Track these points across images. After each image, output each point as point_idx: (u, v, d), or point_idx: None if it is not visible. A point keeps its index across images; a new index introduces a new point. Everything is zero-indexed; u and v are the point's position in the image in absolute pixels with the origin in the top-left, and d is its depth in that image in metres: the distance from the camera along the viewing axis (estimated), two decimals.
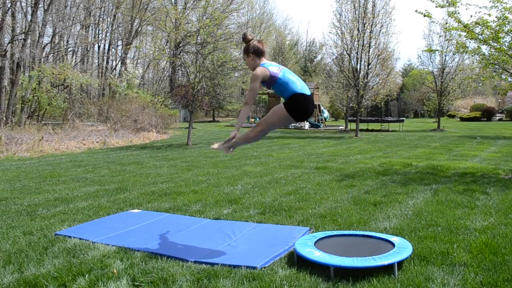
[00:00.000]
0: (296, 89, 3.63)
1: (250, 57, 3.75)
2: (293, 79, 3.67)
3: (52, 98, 20.96)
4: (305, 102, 3.64)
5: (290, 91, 3.63)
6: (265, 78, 3.63)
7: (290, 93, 3.63)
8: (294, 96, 3.62)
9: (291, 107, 3.62)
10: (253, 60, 3.76)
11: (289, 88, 3.64)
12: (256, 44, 3.76)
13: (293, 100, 3.63)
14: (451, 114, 39.46)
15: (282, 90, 3.67)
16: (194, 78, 14.84)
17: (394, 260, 3.31)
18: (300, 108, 3.63)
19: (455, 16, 8.21)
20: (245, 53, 3.79)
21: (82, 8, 29.67)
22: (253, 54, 3.74)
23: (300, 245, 3.71)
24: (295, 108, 3.62)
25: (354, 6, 19.42)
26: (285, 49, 47.90)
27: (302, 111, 3.65)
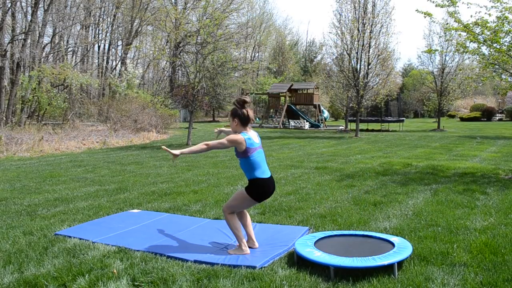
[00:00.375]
0: (259, 175, 3.78)
1: (235, 122, 3.81)
2: (261, 162, 3.82)
3: (52, 98, 20.96)
4: (265, 185, 3.81)
5: (253, 174, 3.78)
6: (240, 148, 3.73)
7: (253, 177, 3.78)
8: (255, 181, 3.78)
9: (252, 191, 3.79)
10: (236, 126, 3.82)
11: (254, 170, 3.78)
12: (245, 112, 3.79)
13: (255, 184, 3.78)
14: (451, 114, 39.47)
15: (247, 168, 3.80)
16: (194, 78, 14.84)
17: (394, 260, 3.30)
18: (261, 192, 3.80)
19: (455, 16, 8.20)
20: (232, 114, 3.83)
21: (82, 8, 29.67)
22: (238, 120, 3.80)
23: (300, 245, 3.71)
24: (256, 192, 3.79)
25: (354, 6, 19.43)
26: (285, 49, 47.92)
27: (262, 194, 3.82)
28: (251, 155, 3.75)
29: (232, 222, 3.88)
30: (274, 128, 28.50)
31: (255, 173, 3.78)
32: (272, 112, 33.73)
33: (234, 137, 3.73)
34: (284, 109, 30.13)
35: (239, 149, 3.75)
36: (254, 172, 3.78)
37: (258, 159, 3.79)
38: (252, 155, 3.76)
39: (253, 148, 3.76)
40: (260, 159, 3.81)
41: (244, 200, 3.84)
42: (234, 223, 3.89)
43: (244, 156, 3.76)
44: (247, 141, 3.73)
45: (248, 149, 3.74)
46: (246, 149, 3.73)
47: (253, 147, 3.77)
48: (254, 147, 3.78)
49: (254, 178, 3.78)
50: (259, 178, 3.78)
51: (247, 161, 3.76)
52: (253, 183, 3.79)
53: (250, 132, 3.84)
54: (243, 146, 3.72)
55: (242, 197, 3.84)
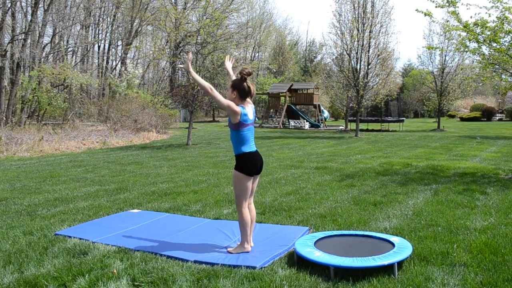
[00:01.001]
0: (245, 149, 3.82)
1: (234, 94, 3.77)
2: (250, 138, 3.84)
3: (52, 98, 20.96)
4: (252, 158, 3.84)
5: (240, 149, 3.82)
6: (233, 119, 3.73)
7: (239, 151, 3.82)
8: (242, 155, 3.82)
9: (241, 166, 3.82)
10: (234, 98, 3.77)
11: (242, 145, 3.81)
12: (245, 85, 3.75)
13: (242, 158, 3.82)
14: (451, 114, 39.47)
15: (236, 141, 3.82)
16: None
17: (394, 260, 3.31)
18: (249, 165, 3.83)
19: (456, 15, 8.20)
20: (232, 85, 3.78)
21: (82, 8, 29.67)
22: (237, 93, 3.76)
23: (300, 245, 3.71)
24: (245, 166, 3.81)
25: (353, 6, 19.42)
26: (285, 49, 47.93)
27: (251, 167, 3.84)
28: (242, 130, 3.77)
29: (245, 218, 3.87)
30: (274, 128, 28.50)
31: (242, 148, 3.81)
32: (272, 112, 33.74)
33: (232, 105, 3.69)
34: (284, 109, 30.13)
35: (232, 120, 3.76)
36: (241, 147, 3.81)
37: (248, 135, 3.82)
38: (243, 130, 3.78)
39: (246, 124, 3.78)
40: (250, 135, 3.84)
41: (241, 181, 3.83)
42: (247, 219, 3.88)
43: (236, 129, 3.78)
44: (242, 116, 3.73)
45: (241, 123, 3.75)
46: (239, 123, 3.74)
47: (246, 123, 3.79)
48: (247, 123, 3.79)
49: (240, 153, 3.82)
50: (245, 153, 3.81)
51: (237, 134, 3.79)
52: (240, 157, 3.83)
53: (248, 107, 3.83)
54: (237, 119, 3.72)
55: (237, 179, 3.85)
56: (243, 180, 3.84)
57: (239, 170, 3.82)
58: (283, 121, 30.08)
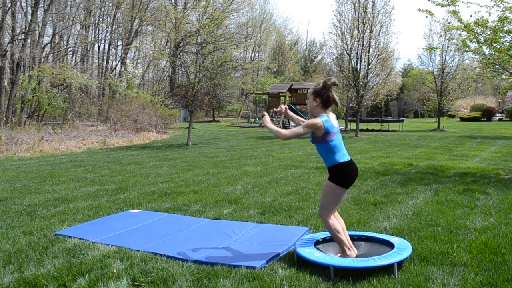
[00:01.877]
0: (340, 159, 3.52)
1: (316, 102, 3.52)
2: (341, 146, 3.55)
3: (52, 98, 20.96)
4: (350, 168, 3.55)
5: (335, 159, 3.52)
6: (318, 133, 3.46)
7: (335, 162, 3.52)
8: (339, 166, 3.51)
9: (338, 178, 3.51)
10: (316, 107, 3.54)
11: (335, 154, 3.51)
12: (330, 94, 3.50)
13: (339, 169, 3.52)
14: (451, 114, 39.47)
15: (328, 153, 3.53)
16: (194, 78, 14.84)
17: (394, 260, 3.31)
18: (347, 176, 3.53)
19: (457, 15, 8.20)
20: (314, 93, 3.53)
21: (82, 8, 29.67)
22: (320, 101, 3.51)
23: (300, 246, 3.71)
24: (343, 178, 3.52)
25: (354, 6, 19.42)
26: (285, 49, 47.94)
27: (349, 178, 3.55)
28: (330, 140, 3.46)
29: (333, 226, 3.57)
30: None
31: (337, 158, 3.50)
32: (272, 112, 33.73)
33: (311, 122, 3.43)
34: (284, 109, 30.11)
35: (317, 134, 3.47)
36: (335, 157, 3.51)
37: (338, 143, 3.52)
38: (332, 140, 3.47)
39: (332, 132, 3.47)
40: (340, 143, 3.54)
41: (333, 192, 3.54)
42: (336, 226, 3.59)
43: (323, 141, 3.48)
44: (325, 124, 3.42)
45: (328, 134, 3.45)
46: (325, 133, 3.44)
47: (333, 131, 3.48)
48: (334, 131, 3.49)
49: (336, 163, 3.51)
50: (343, 162, 3.51)
51: (327, 146, 3.48)
52: (337, 169, 3.52)
53: (330, 115, 3.55)
54: (322, 130, 3.43)
55: (330, 190, 3.55)
56: (336, 192, 3.54)
57: (336, 182, 3.51)
58: (283, 121, 30.07)
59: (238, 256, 3.74)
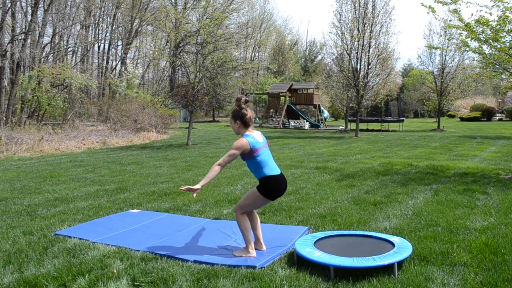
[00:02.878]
0: (268, 172, 3.73)
1: (237, 124, 3.77)
2: (268, 160, 3.77)
3: (52, 98, 20.96)
4: (276, 182, 3.76)
5: (262, 173, 3.73)
6: (245, 150, 3.68)
7: (262, 175, 3.73)
8: (265, 179, 3.73)
9: (264, 189, 3.73)
10: (238, 128, 3.79)
11: (262, 168, 3.73)
12: (245, 113, 3.75)
13: (265, 182, 3.73)
14: (451, 114, 39.47)
15: (255, 168, 3.75)
16: (194, 78, 14.84)
17: (394, 260, 3.30)
18: (273, 189, 3.75)
19: (458, 14, 8.20)
20: (233, 117, 3.79)
21: (82, 8, 29.67)
22: (240, 122, 3.76)
23: (300, 245, 3.71)
24: (269, 190, 3.73)
25: (354, 6, 19.42)
26: (285, 49, 47.92)
27: (275, 191, 3.76)
28: (257, 155, 3.69)
29: (242, 223, 3.81)
30: (274, 128, 28.50)
31: (264, 171, 3.72)
32: (272, 112, 33.74)
33: (238, 144, 3.67)
34: (284, 109, 30.13)
35: (244, 152, 3.70)
36: (262, 170, 3.72)
37: (264, 158, 3.74)
38: (258, 155, 3.70)
39: (257, 147, 3.70)
40: (266, 158, 3.76)
41: (256, 199, 3.78)
42: (245, 224, 3.81)
43: (250, 157, 3.71)
44: (250, 143, 3.67)
45: (253, 150, 3.68)
46: (251, 150, 3.67)
47: (258, 146, 3.71)
48: (259, 147, 3.72)
49: (263, 176, 3.72)
50: (269, 176, 3.72)
51: (254, 161, 3.72)
52: (263, 181, 3.73)
53: (253, 133, 3.80)
54: (248, 147, 3.66)
55: (254, 196, 3.77)
56: (259, 200, 3.78)
57: (261, 192, 3.73)
58: (283, 121, 30.08)
59: (237, 256, 3.74)
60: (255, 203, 3.82)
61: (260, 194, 3.73)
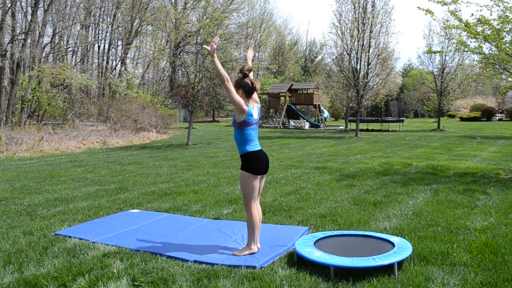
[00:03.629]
0: (250, 148, 3.79)
1: (239, 93, 3.75)
2: (254, 137, 3.82)
3: (52, 98, 20.96)
4: (257, 157, 3.82)
5: (244, 148, 3.79)
6: (239, 117, 3.70)
7: (244, 151, 3.79)
8: (246, 155, 3.79)
9: (247, 165, 3.78)
10: (241, 97, 3.75)
11: (246, 144, 3.78)
12: (248, 82, 3.75)
13: (247, 158, 3.79)
14: (451, 114, 39.47)
15: (240, 141, 3.80)
16: (194, 78, 14.85)
17: (394, 260, 3.31)
18: (255, 164, 3.80)
19: (456, 14, 8.20)
20: (236, 85, 3.77)
21: (82, 8, 29.66)
22: (243, 91, 3.76)
23: (300, 245, 3.71)
24: (251, 165, 3.78)
25: (354, 6, 19.43)
26: (285, 49, 47.92)
27: (257, 166, 3.81)
28: (245, 129, 3.75)
29: (253, 217, 3.82)
30: (274, 128, 28.49)
31: (247, 147, 3.78)
32: (272, 112, 33.72)
33: (243, 105, 3.67)
34: (284, 109, 30.13)
35: (237, 118, 3.73)
36: (245, 146, 3.78)
37: (251, 134, 3.79)
38: (247, 129, 3.76)
39: (250, 123, 3.76)
40: (253, 134, 3.81)
41: (247, 181, 3.80)
42: (256, 219, 3.83)
43: (240, 127, 3.75)
44: (247, 116, 3.71)
45: (245, 122, 3.73)
46: (243, 122, 3.72)
47: (251, 122, 3.77)
48: (252, 123, 3.77)
49: (245, 152, 3.79)
50: (250, 152, 3.78)
51: (241, 132, 3.76)
52: (245, 157, 3.80)
53: (254, 107, 3.82)
54: (242, 116, 3.70)
55: (243, 179, 3.82)
56: (250, 180, 3.80)
57: (245, 169, 3.79)
58: (283, 121, 30.07)
59: (238, 256, 3.74)
60: (249, 185, 3.81)
61: (246, 172, 3.78)
